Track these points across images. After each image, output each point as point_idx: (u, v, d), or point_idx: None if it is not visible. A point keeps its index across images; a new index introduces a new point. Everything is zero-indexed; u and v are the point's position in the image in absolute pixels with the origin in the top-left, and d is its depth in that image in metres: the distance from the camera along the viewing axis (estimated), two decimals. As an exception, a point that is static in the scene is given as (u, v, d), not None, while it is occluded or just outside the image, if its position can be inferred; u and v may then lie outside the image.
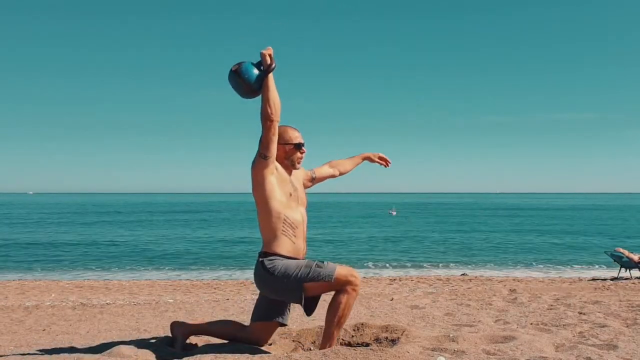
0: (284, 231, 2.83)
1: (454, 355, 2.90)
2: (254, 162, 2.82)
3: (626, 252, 10.55)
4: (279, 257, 2.81)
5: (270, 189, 2.81)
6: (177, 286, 10.01)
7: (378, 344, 3.26)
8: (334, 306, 2.85)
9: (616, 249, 11.12)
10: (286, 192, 2.86)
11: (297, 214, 2.90)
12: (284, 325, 3.08)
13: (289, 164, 2.95)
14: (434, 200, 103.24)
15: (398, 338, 3.24)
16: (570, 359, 2.88)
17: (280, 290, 2.83)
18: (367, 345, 3.27)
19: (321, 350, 2.83)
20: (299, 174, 3.10)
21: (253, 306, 6.15)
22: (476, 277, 11.59)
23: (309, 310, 2.90)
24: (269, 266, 2.80)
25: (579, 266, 15.04)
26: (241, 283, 10.66)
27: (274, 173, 2.83)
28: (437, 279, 10.76)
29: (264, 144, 2.77)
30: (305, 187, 3.18)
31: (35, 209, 61.05)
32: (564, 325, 4.04)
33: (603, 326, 3.90)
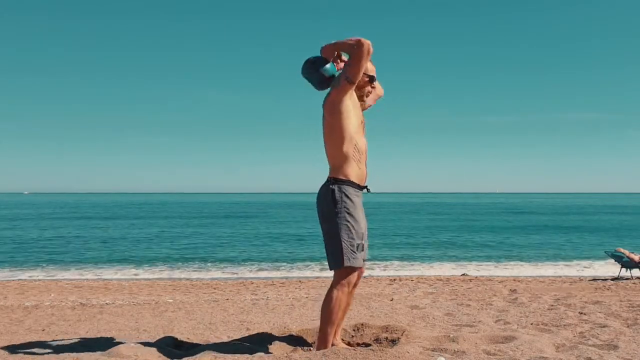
0: (354, 155, 2.93)
1: (454, 355, 2.89)
2: (335, 85, 2.93)
3: (627, 252, 10.54)
4: (349, 185, 2.90)
5: (347, 112, 2.91)
6: (176, 286, 10.00)
7: (378, 344, 3.25)
8: (325, 301, 2.93)
9: (617, 249, 11.11)
10: (358, 118, 2.98)
11: (363, 141, 3.00)
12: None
13: (359, 95, 3.04)
14: (434, 200, 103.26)
15: (398, 338, 3.23)
16: (570, 359, 2.88)
17: (331, 228, 2.90)
18: (367, 345, 3.27)
19: (321, 351, 2.82)
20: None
21: (253, 305, 6.15)
22: (476, 277, 11.58)
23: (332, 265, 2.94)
24: (337, 198, 2.88)
25: (580, 266, 15.03)
26: (241, 283, 10.65)
27: (351, 98, 2.94)
28: (437, 279, 10.75)
29: (355, 69, 2.86)
30: None
31: (31, 208, 61.03)
32: (564, 325, 4.03)
33: (603, 326, 3.89)
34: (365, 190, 3.06)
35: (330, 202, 2.90)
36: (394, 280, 10.63)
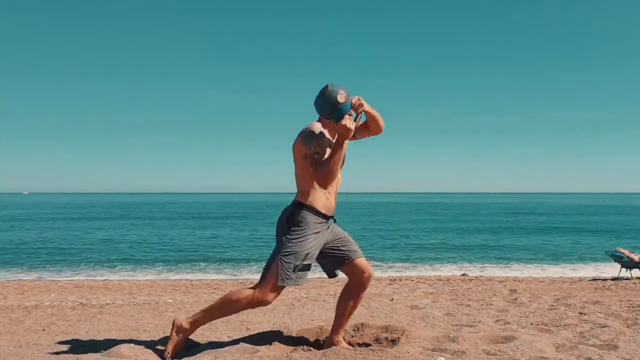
0: (320, 186, 2.97)
1: (454, 355, 2.89)
2: (301, 142, 2.94)
3: (627, 252, 10.53)
4: (311, 212, 2.93)
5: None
6: (176, 286, 10.00)
7: (378, 344, 3.25)
8: (231, 293, 3.02)
9: (617, 249, 11.10)
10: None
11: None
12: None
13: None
14: (434, 200, 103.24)
15: (398, 338, 3.23)
16: (570, 359, 2.88)
17: (278, 244, 2.97)
18: (367, 345, 3.27)
19: (321, 351, 2.83)
20: None
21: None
22: (476, 277, 11.57)
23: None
24: (294, 220, 2.92)
25: (580, 266, 15.02)
26: (241, 283, 10.65)
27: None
28: (437, 279, 10.75)
29: (323, 171, 2.90)
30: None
31: (30, 208, 61.00)
32: (564, 325, 4.04)
33: (603, 326, 3.89)
34: (332, 220, 3.08)
35: (285, 221, 2.95)
36: (394, 280, 10.63)
